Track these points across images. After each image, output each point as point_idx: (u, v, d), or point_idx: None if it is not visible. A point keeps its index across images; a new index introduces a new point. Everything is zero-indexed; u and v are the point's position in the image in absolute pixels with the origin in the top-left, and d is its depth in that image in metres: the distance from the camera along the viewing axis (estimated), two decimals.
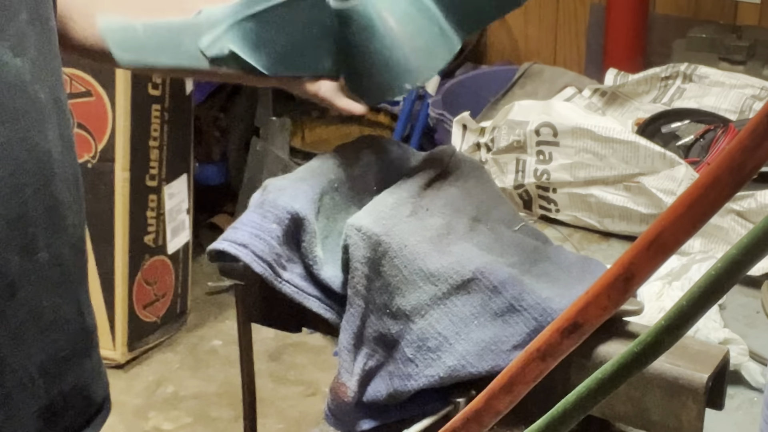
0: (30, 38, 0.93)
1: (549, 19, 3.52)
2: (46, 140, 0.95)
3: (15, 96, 0.92)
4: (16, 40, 0.91)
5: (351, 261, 0.98)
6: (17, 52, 0.91)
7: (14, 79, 0.92)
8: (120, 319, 2.89)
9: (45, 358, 0.95)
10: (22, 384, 0.94)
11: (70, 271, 0.99)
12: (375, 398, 1.00)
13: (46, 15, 0.95)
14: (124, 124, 2.77)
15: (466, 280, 0.96)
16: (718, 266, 0.43)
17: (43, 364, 0.95)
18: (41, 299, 0.96)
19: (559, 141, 1.57)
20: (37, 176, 0.94)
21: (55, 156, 0.96)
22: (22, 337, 0.92)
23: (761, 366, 1.24)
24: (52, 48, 0.97)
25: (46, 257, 0.95)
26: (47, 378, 0.96)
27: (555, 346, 0.50)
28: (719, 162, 0.43)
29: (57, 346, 0.96)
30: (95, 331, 1.03)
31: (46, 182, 0.95)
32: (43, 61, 0.95)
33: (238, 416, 1.35)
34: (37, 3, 0.93)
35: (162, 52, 1.05)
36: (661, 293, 1.33)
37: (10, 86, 0.91)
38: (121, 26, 1.04)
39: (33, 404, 0.95)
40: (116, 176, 2.78)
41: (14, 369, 0.93)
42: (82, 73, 2.74)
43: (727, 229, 1.48)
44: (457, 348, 0.96)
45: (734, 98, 1.81)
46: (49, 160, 0.95)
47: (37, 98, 0.95)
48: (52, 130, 0.96)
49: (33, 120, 0.94)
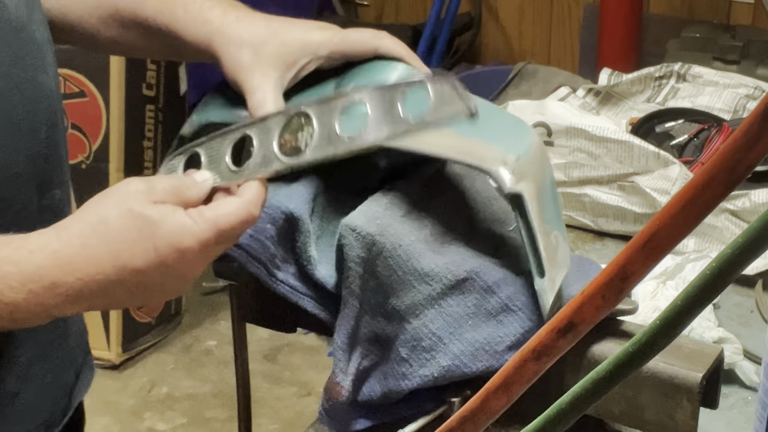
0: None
1: (543, 19, 3.52)
2: (49, 79, 0.99)
3: (18, 37, 0.94)
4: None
5: (345, 261, 0.98)
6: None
7: (14, 21, 0.94)
8: (114, 319, 2.88)
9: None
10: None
11: (71, 210, 1.02)
12: (369, 398, 1.00)
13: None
14: (119, 125, 2.77)
15: (461, 280, 0.96)
16: (712, 266, 0.43)
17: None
18: None
19: (553, 140, 1.58)
20: (48, 114, 0.98)
21: (56, 94, 0.99)
22: None
23: (755, 365, 1.25)
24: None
25: (58, 194, 0.98)
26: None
27: (550, 346, 0.50)
28: (713, 161, 0.43)
29: None
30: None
31: (55, 120, 0.99)
32: (32, 0, 0.97)
33: (233, 416, 1.36)
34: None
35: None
36: (655, 292, 1.33)
37: (12, 28, 0.94)
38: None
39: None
40: (110, 177, 2.78)
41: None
42: (76, 73, 2.74)
43: (721, 228, 1.48)
44: (452, 348, 0.96)
45: (728, 98, 1.81)
46: (54, 98, 0.99)
47: (35, 38, 0.97)
48: (51, 69, 0.99)
49: (36, 60, 0.97)
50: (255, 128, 0.93)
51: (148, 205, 0.85)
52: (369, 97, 0.89)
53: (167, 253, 0.84)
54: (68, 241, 0.84)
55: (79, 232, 0.84)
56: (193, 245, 0.85)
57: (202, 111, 1.06)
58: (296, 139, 0.90)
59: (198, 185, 0.90)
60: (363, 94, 0.89)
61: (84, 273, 0.83)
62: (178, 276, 0.86)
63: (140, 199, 0.85)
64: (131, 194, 0.86)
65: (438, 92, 0.88)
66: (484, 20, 3.64)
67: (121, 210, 0.84)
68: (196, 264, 0.87)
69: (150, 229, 0.84)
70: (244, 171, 0.92)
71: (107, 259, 0.83)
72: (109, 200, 0.86)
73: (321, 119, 0.90)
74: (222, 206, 0.88)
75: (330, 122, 0.89)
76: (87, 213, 0.86)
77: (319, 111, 0.90)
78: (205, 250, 0.86)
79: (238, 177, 0.91)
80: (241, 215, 0.87)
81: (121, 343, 2.92)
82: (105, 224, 0.84)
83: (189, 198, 0.88)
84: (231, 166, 0.92)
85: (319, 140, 0.89)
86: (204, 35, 1.03)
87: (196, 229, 0.85)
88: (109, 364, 2.90)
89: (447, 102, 0.88)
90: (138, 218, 0.84)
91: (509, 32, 3.61)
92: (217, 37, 1.02)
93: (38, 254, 0.83)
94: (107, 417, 2.80)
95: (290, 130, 0.91)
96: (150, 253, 0.84)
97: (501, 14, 3.61)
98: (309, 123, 0.90)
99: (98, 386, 1.18)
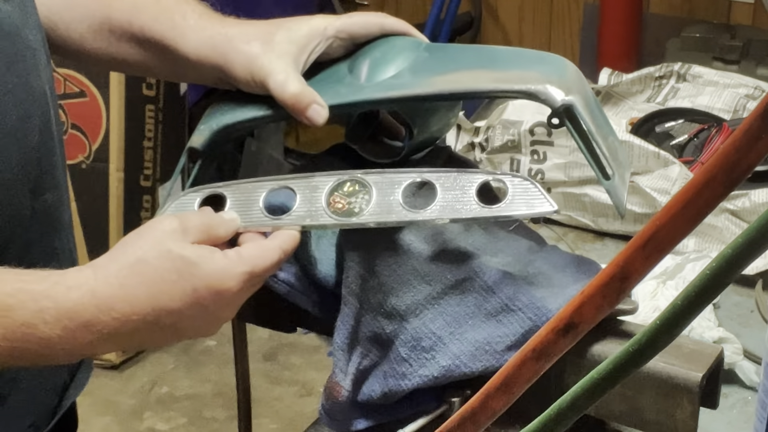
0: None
1: (543, 19, 3.52)
2: (42, 84, 0.98)
3: (12, 41, 0.94)
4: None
5: (345, 260, 0.98)
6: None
7: (8, 26, 0.93)
8: None
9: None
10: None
11: (67, 213, 1.02)
12: (369, 398, 1.00)
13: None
14: (119, 125, 2.77)
15: (461, 279, 0.96)
16: (712, 266, 0.43)
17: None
18: (52, 240, 0.98)
19: (553, 140, 1.58)
20: (41, 119, 0.97)
21: (49, 99, 0.99)
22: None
23: (755, 365, 1.25)
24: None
25: (51, 198, 0.98)
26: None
27: (550, 345, 0.50)
28: (713, 161, 0.43)
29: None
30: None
31: (48, 124, 0.98)
32: (27, 4, 0.97)
33: (233, 416, 1.36)
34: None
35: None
36: (655, 292, 1.34)
37: (6, 32, 0.93)
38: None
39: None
40: (110, 177, 2.78)
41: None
42: (77, 73, 2.74)
43: (721, 228, 1.48)
44: (451, 348, 0.96)
45: (728, 98, 1.81)
46: (47, 103, 0.99)
47: (29, 42, 0.97)
48: (44, 73, 0.99)
49: (30, 64, 0.96)
50: (299, 182, 0.96)
51: (186, 246, 0.86)
52: (439, 180, 0.93)
53: (206, 295, 0.85)
54: (105, 280, 0.84)
55: (116, 272, 0.85)
56: (231, 287, 0.86)
57: (211, 118, 1.05)
58: (348, 202, 0.93)
59: (227, 224, 0.92)
60: (433, 175, 0.94)
61: (120, 312, 0.83)
62: (212, 317, 0.88)
63: (177, 239, 0.86)
64: (167, 234, 0.86)
65: (518, 188, 0.91)
66: (484, 20, 3.64)
67: (160, 251, 0.85)
68: (231, 305, 0.89)
69: (189, 270, 0.85)
70: (282, 219, 0.94)
71: (145, 300, 0.84)
72: (145, 240, 0.87)
73: (381, 189, 0.93)
74: (257, 248, 0.90)
75: (391, 193, 0.93)
76: (124, 253, 0.87)
77: (380, 181, 0.94)
78: (240, 292, 0.88)
79: (272, 224, 0.94)
80: (275, 259, 0.90)
81: None
82: (143, 264, 0.85)
83: (218, 236, 0.90)
84: (264, 212, 0.95)
85: (376, 207, 0.93)
86: (206, 40, 1.02)
87: (235, 272, 0.86)
88: (108, 364, 2.90)
89: (525, 197, 0.91)
90: (177, 260, 0.85)
91: (509, 32, 3.61)
92: (220, 38, 1.02)
93: (76, 291, 0.83)
94: (107, 417, 2.80)
95: (341, 192, 0.94)
96: (188, 294, 0.85)
97: (501, 14, 3.61)
98: (364, 190, 0.94)
99: (98, 386, 1.18)
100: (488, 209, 0.91)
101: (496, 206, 0.91)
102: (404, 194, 0.93)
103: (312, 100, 0.98)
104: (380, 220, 0.93)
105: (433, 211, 0.92)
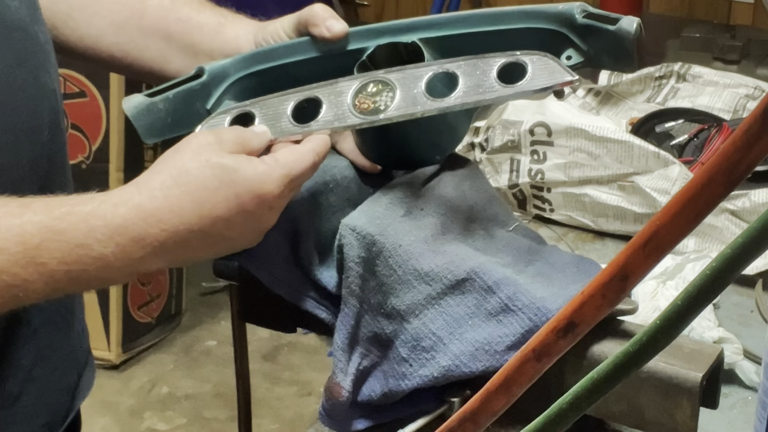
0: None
1: None
2: (51, 80, 0.99)
3: (21, 38, 0.94)
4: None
5: (345, 261, 0.98)
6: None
7: (17, 21, 0.94)
8: (114, 319, 2.88)
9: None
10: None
11: None
12: (369, 398, 1.00)
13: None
14: (119, 125, 2.77)
15: (461, 279, 0.96)
16: (712, 266, 0.43)
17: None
18: None
19: (553, 140, 1.58)
20: (50, 115, 0.98)
21: (58, 95, 0.99)
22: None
23: (755, 365, 1.25)
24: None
25: (59, 195, 1.00)
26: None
27: (550, 346, 0.50)
28: (713, 161, 0.43)
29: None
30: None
31: (57, 121, 0.99)
32: (34, 0, 0.97)
33: (233, 417, 1.36)
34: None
35: (181, 125, 1.06)
36: (655, 292, 1.33)
37: (15, 28, 0.94)
38: (146, 108, 1.04)
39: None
40: (110, 177, 2.78)
41: (41, 308, 0.98)
42: (77, 73, 2.74)
43: (721, 228, 1.48)
44: (452, 348, 0.96)
45: (728, 98, 1.81)
46: (56, 99, 0.99)
47: (38, 38, 0.97)
48: (53, 70, 1.00)
49: (39, 61, 0.97)
50: (324, 89, 0.97)
51: (224, 154, 0.88)
52: (459, 68, 0.94)
53: (248, 200, 0.87)
54: (150, 193, 0.86)
55: (160, 185, 0.86)
56: (272, 190, 0.88)
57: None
58: (373, 101, 0.95)
59: (259, 136, 0.94)
60: (453, 64, 0.95)
61: (168, 224, 0.85)
62: (255, 222, 0.89)
63: (215, 149, 0.88)
64: (204, 146, 0.88)
65: (538, 64, 0.93)
66: None
67: (200, 161, 0.87)
68: (273, 210, 0.90)
69: (230, 177, 0.86)
70: (311, 125, 0.96)
71: (191, 209, 0.86)
72: (184, 153, 0.88)
73: (404, 84, 0.95)
74: (292, 153, 0.91)
75: (415, 86, 0.95)
76: (166, 166, 0.88)
77: (402, 77, 0.95)
78: (281, 196, 0.89)
79: (302, 131, 0.96)
80: (310, 161, 0.91)
81: (121, 343, 2.92)
82: (186, 175, 0.86)
83: (252, 148, 0.92)
84: (293, 121, 0.96)
85: (401, 102, 0.94)
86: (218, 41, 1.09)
87: (274, 175, 0.88)
88: (109, 364, 2.90)
89: (545, 72, 0.93)
90: (217, 168, 0.87)
91: None
92: (221, 37, 1.08)
93: (122, 207, 0.85)
94: (107, 417, 2.80)
95: (365, 93, 0.96)
96: (231, 201, 0.86)
97: None
98: (387, 88, 0.95)
99: (98, 386, 1.18)
100: (511, 88, 0.94)
101: (518, 84, 0.94)
102: (427, 87, 0.95)
103: (331, 15, 1.06)
104: (406, 112, 0.94)
105: (457, 98, 0.94)
